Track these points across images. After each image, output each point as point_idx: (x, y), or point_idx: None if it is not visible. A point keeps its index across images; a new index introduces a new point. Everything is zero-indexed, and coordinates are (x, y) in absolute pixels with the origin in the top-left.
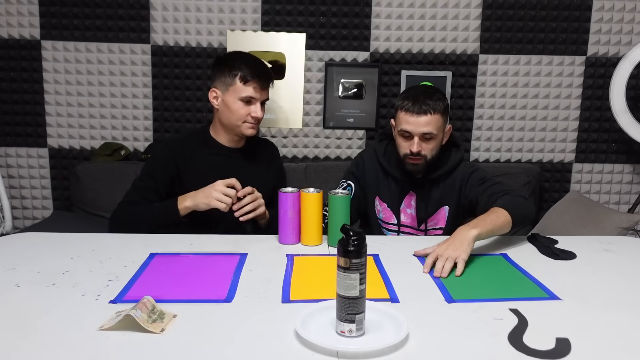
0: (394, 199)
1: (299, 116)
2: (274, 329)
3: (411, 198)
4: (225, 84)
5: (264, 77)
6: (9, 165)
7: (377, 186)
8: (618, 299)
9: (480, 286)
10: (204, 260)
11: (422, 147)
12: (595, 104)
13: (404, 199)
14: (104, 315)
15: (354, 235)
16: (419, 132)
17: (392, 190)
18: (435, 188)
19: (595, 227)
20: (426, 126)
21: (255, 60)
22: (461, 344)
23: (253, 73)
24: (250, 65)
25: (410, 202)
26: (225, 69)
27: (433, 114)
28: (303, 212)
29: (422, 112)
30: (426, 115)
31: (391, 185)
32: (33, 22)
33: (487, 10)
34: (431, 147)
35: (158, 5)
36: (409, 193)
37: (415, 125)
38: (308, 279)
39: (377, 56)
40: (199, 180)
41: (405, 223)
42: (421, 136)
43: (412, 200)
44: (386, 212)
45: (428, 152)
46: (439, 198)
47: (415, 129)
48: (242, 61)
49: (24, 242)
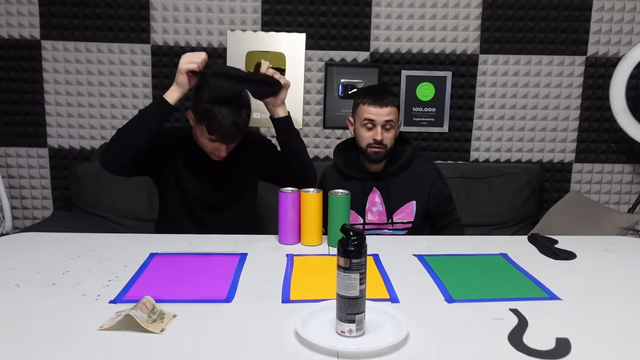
0: (357, 200)
1: (299, 116)
2: (274, 329)
3: (375, 195)
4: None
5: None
6: (9, 165)
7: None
8: (618, 299)
9: (480, 286)
10: (204, 260)
11: (383, 136)
12: (595, 104)
13: (367, 198)
14: (104, 315)
15: (354, 235)
16: (382, 121)
17: (356, 191)
18: (398, 181)
19: (595, 227)
20: (388, 115)
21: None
22: (461, 344)
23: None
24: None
25: (374, 200)
26: (196, 97)
27: (392, 107)
28: (303, 212)
29: (384, 104)
30: (387, 107)
31: (353, 187)
32: (33, 22)
33: (487, 10)
34: (390, 137)
35: (158, 5)
36: (372, 190)
37: (379, 115)
38: (308, 279)
39: (377, 56)
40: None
41: (372, 221)
42: (383, 125)
43: (377, 197)
44: (352, 214)
45: (388, 142)
46: (404, 191)
47: (379, 118)
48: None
49: (24, 242)
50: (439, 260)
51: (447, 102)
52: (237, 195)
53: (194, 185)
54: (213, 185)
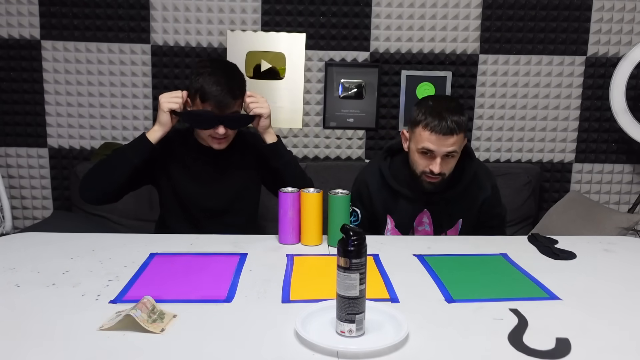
0: (405, 219)
1: (299, 116)
2: (274, 329)
3: (424, 215)
4: (190, 95)
5: (220, 97)
6: (9, 165)
7: (386, 206)
8: (618, 299)
9: (480, 286)
10: (204, 260)
11: (442, 168)
12: (595, 104)
13: (416, 218)
14: (104, 315)
15: (354, 235)
16: (444, 152)
17: (404, 209)
18: (451, 204)
19: (595, 227)
20: (452, 146)
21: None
22: (461, 344)
23: (210, 93)
24: (210, 83)
25: (422, 220)
26: (192, 78)
27: (458, 134)
28: (303, 212)
29: (448, 133)
30: (452, 135)
31: (401, 204)
32: (33, 22)
33: (487, 10)
34: (451, 166)
35: (158, 5)
36: (422, 211)
37: (440, 146)
38: (308, 279)
39: (377, 56)
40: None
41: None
42: (444, 155)
43: (426, 217)
44: (394, 231)
45: (447, 170)
46: (457, 212)
47: (440, 149)
48: (203, 76)
49: (24, 242)
50: (439, 260)
51: None
52: (237, 200)
53: (193, 190)
54: (212, 189)
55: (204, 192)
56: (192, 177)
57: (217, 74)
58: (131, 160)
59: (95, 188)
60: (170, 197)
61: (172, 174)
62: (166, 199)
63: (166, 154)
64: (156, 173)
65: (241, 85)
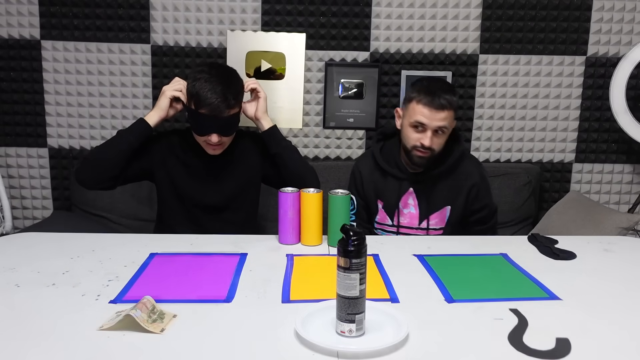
0: (392, 199)
1: (299, 116)
2: (274, 329)
3: (409, 196)
4: (187, 99)
5: (219, 103)
6: (9, 165)
7: (376, 190)
8: (618, 299)
9: (480, 286)
10: (204, 260)
11: (432, 142)
12: (595, 104)
13: (401, 198)
14: (104, 315)
15: (354, 235)
16: (435, 126)
17: (391, 189)
18: (438, 185)
19: (595, 227)
20: (443, 121)
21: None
22: (461, 344)
23: (205, 99)
24: (205, 89)
25: (407, 202)
26: (188, 82)
27: (449, 110)
28: (303, 212)
29: (440, 107)
30: (444, 110)
31: (390, 184)
32: (33, 22)
33: (487, 10)
34: (441, 142)
35: (158, 5)
36: (408, 191)
37: (432, 120)
38: (308, 279)
39: (377, 56)
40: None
41: (403, 224)
42: (435, 130)
43: (411, 199)
44: (381, 213)
45: (437, 147)
46: (443, 196)
47: (431, 123)
48: (200, 81)
49: (24, 242)
50: (439, 260)
51: None
52: (236, 197)
53: (191, 186)
54: (211, 186)
55: (203, 188)
56: (192, 174)
57: (213, 82)
58: (127, 138)
59: (91, 168)
60: (169, 193)
61: (172, 171)
62: (165, 195)
63: (166, 152)
64: (155, 169)
65: (237, 94)
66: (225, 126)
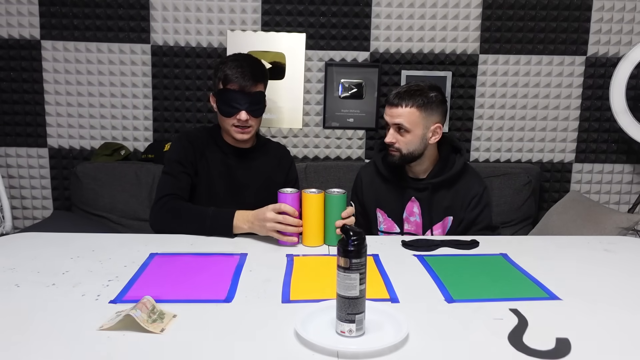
0: (395, 207)
1: (299, 116)
2: (274, 329)
3: (414, 205)
4: (214, 88)
5: (246, 78)
6: (9, 165)
7: (376, 197)
8: (618, 299)
9: (480, 286)
10: (204, 260)
11: (396, 140)
12: (595, 104)
13: (406, 206)
14: (104, 315)
15: (354, 235)
16: (392, 123)
17: (393, 197)
18: (440, 195)
19: (595, 227)
20: (397, 118)
21: (241, 62)
22: (461, 344)
23: (233, 75)
24: (232, 67)
25: (412, 210)
26: (214, 72)
27: (405, 107)
28: (304, 212)
29: (393, 105)
30: (397, 107)
31: (392, 192)
32: (33, 22)
33: (487, 10)
34: (406, 141)
35: (158, 5)
36: (411, 199)
37: (390, 116)
38: (308, 279)
39: (377, 56)
40: (208, 175)
41: (409, 231)
42: (395, 128)
43: (416, 207)
44: (387, 222)
45: (402, 146)
46: (445, 207)
47: (390, 119)
48: (226, 63)
49: (24, 242)
50: (439, 260)
51: (447, 102)
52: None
53: (219, 185)
54: (238, 185)
55: (230, 187)
56: (219, 173)
57: (239, 60)
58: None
59: (166, 226)
60: (195, 192)
61: (199, 169)
62: (192, 194)
63: (196, 151)
64: (198, 167)
65: (263, 75)
66: (253, 103)
